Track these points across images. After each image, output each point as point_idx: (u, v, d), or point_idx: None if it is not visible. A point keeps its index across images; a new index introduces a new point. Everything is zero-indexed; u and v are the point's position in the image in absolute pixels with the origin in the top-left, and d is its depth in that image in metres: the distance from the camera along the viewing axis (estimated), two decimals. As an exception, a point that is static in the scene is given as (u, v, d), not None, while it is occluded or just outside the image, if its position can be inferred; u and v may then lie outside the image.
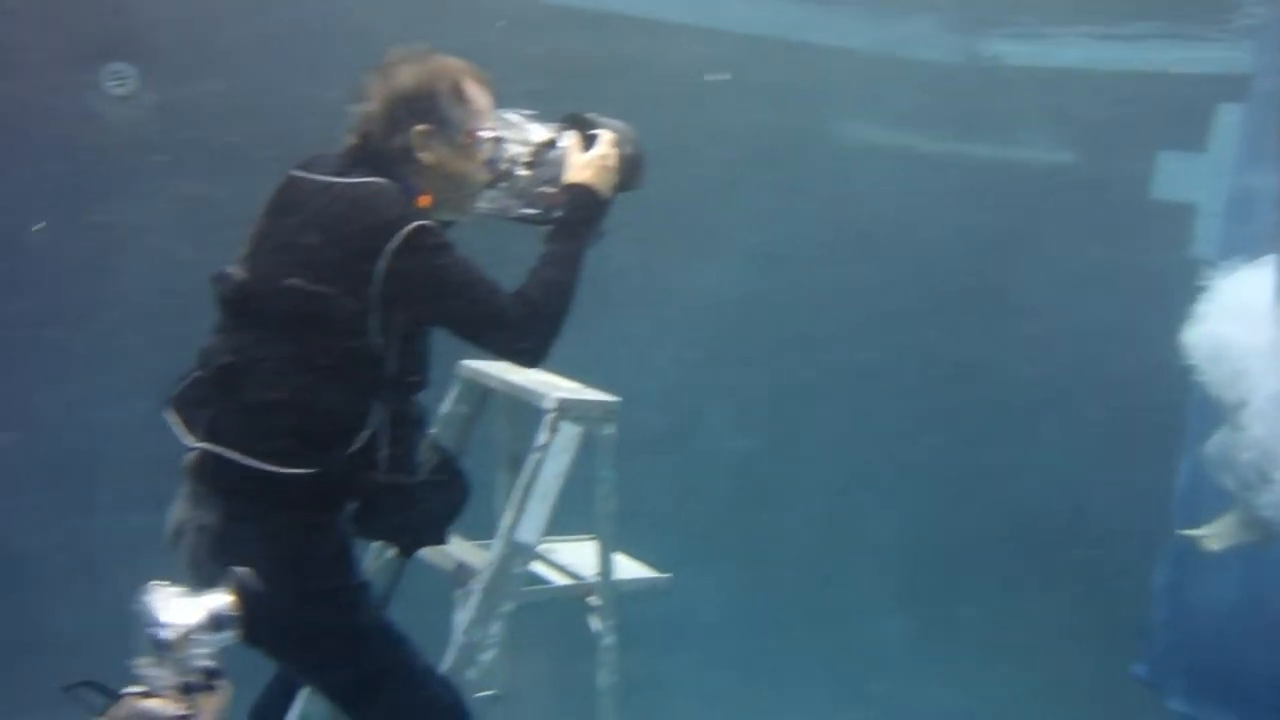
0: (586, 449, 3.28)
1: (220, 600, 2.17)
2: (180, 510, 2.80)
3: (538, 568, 3.38)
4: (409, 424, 2.77)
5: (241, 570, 2.21)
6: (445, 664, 3.03)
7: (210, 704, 2.12)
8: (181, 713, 2.08)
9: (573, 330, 2.86)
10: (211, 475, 2.69)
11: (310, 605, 2.65)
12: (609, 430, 3.32)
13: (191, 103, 5.74)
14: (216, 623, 2.15)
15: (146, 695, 2.10)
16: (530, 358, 2.78)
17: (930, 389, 6.62)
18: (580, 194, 2.88)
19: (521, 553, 3.17)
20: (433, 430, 3.11)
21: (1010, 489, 6.48)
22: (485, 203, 2.98)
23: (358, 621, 2.75)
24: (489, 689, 3.22)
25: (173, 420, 2.78)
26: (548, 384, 3.35)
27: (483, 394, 3.54)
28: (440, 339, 2.89)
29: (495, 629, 3.13)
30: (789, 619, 6.50)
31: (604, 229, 2.95)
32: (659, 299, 6.55)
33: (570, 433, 3.25)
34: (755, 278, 7.05)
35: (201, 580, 2.79)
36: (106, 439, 6.04)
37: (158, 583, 2.15)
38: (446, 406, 3.48)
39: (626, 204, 3.06)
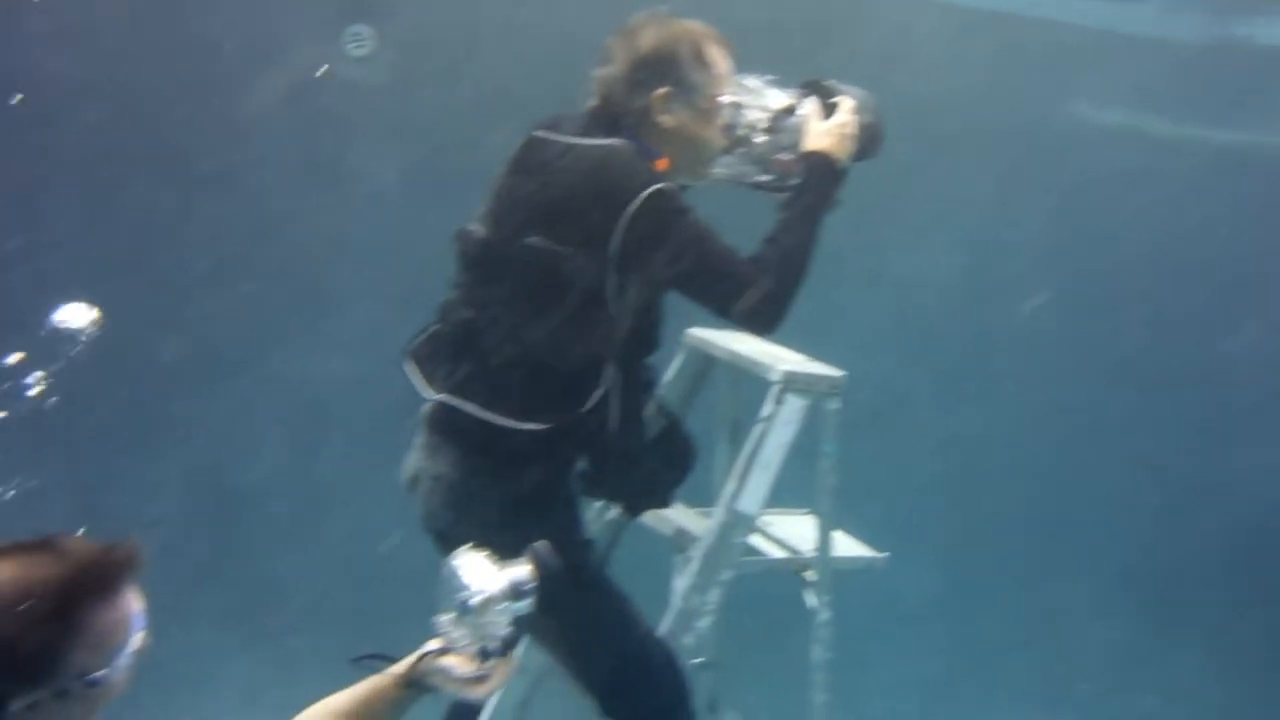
0: (810, 422, 3.25)
1: (520, 571, 2.23)
2: (416, 459, 2.88)
3: (755, 540, 3.37)
4: (639, 386, 2.79)
5: (541, 544, 2.27)
6: (662, 628, 3.05)
7: (502, 669, 2.19)
8: (476, 674, 2.16)
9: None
10: (447, 426, 2.76)
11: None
12: (834, 405, 3.28)
13: (425, 62, 5.93)
14: (516, 592, 2.21)
15: (445, 652, 2.19)
16: (765, 325, 2.76)
17: (1161, 384, 6.34)
18: (818, 162, 2.84)
19: (742, 522, 3.16)
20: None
21: (1242, 493, 6.16)
22: (721, 168, 2.97)
23: (582, 577, 2.78)
24: (703, 656, 3.23)
25: (411, 372, 2.86)
26: (774, 355, 3.33)
27: (706, 363, 3.53)
28: (669, 304, 2.91)
29: (713, 596, 3.12)
30: (996, 611, 6.34)
31: (841, 198, 2.90)
32: (875, 277, 6.45)
33: (795, 405, 3.21)
34: (976, 260, 6.87)
35: (432, 528, 2.89)
36: (336, 391, 6.31)
37: (467, 549, 2.23)
38: (670, 374, 3.49)
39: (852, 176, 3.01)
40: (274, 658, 5.75)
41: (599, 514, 3.32)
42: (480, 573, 2.19)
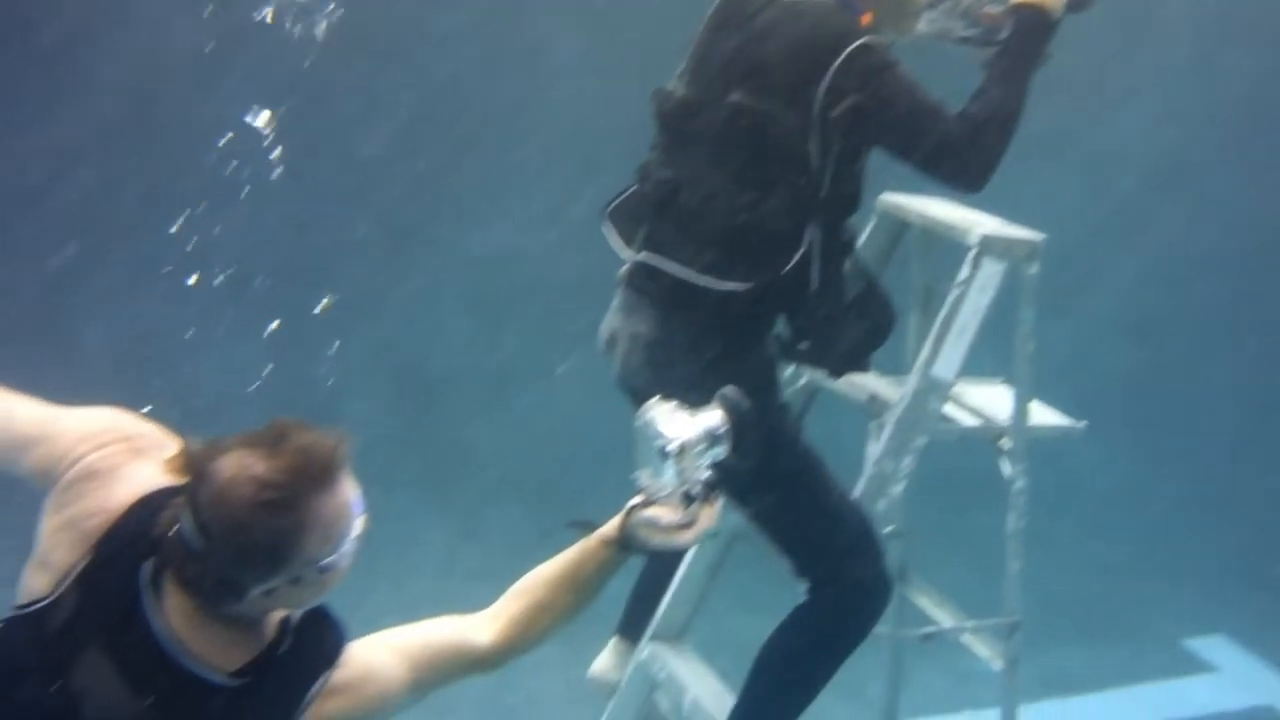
0: (1007, 287, 3.18)
1: (713, 416, 2.24)
2: (613, 319, 2.92)
3: (948, 408, 3.33)
4: (840, 248, 2.75)
5: (731, 389, 2.28)
6: (856, 493, 3.05)
7: (707, 514, 2.21)
8: (682, 520, 2.19)
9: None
10: (646, 285, 2.78)
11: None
12: (1033, 269, 3.20)
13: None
14: (711, 437, 2.22)
15: (648, 504, 2.21)
16: (971, 183, 2.69)
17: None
18: (1028, 15, 2.73)
19: (937, 388, 3.13)
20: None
21: None
22: (925, 24, 2.88)
23: (779, 438, 2.80)
24: (893, 524, 3.23)
25: (609, 233, 2.88)
26: (970, 219, 3.26)
27: (900, 228, 3.48)
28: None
29: (907, 462, 3.11)
30: (1187, 496, 6.17)
31: (1050, 52, 2.79)
32: (1066, 147, 6.23)
33: (992, 269, 3.15)
34: (1173, 133, 6.58)
35: (629, 386, 2.93)
36: (524, 265, 6.43)
37: (658, 400, 2.24)
38: (862, 239, 3.45)
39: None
40: (467, 528, 5.97)
41: (792, 379, 3.33)
42: (674, 421, 2.20)
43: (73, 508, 2.03)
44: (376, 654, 2.13)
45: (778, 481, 2.78)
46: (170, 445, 2.10)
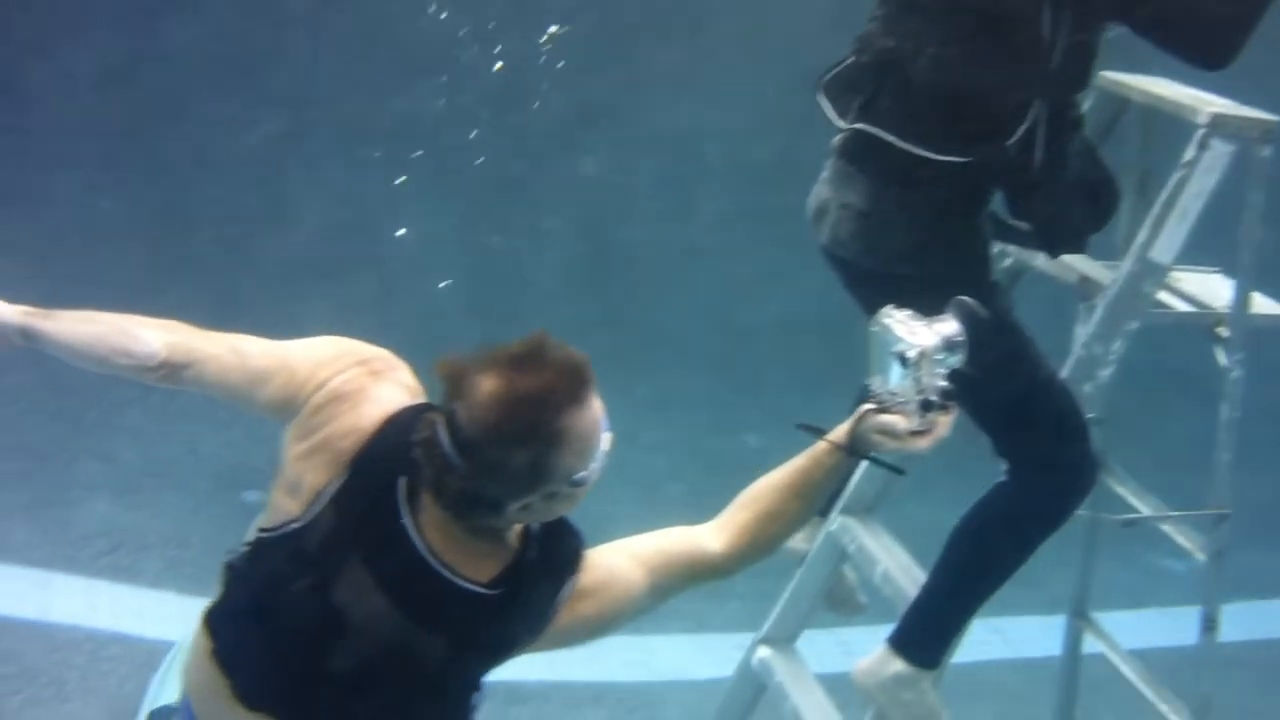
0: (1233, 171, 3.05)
1: (950, 325, 2.21)
2: (823, 190, 2.90)
3: (1163, 295, 3.24)
4: (1066, 124, 2.67)
5: (967, 299, 2.26)
6: (1062, 374, 3.01)
7: (943, 422, 2.19)
8: (917, 427, 2.17)
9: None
10: (861, 156, 2.76)
11: (948, 290, 2.69)
12: (1265, 151, 3.05)
13: None
14: (949, 345, 2.20)
15: (882, 410, 2.19)
16: (1220, 56, 2.56)
17: None
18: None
19: (1153, 271, 3.03)
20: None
21: None
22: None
23: (990, 314, 2.77)
24: (1097, 410, 3.18)
25: (823, 103, 2.85)
26: (1197, 98, 3.12)
27: (1119, 107, 3.35)
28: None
29: (1117, 346, 3.04)
30: None
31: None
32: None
33: (1221, 150, 3.01)
34: None
35: (837, 256, 2.91)
36: (711, 144, 6.42)
37: (892, 306, 2.22)
38: (1080, 117, 3.34)
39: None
40: (651, 399, 6.08)
41: (998, 259, 3.27)
42: (911, 328, 2.17)
43: (323, 431, 2.08)
44: (617, 559, 2.21)
45: (985, 355, 2.74)
46: (401, 366, 2.19)
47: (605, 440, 2.04)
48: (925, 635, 2.96)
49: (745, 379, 6.13)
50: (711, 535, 2.31)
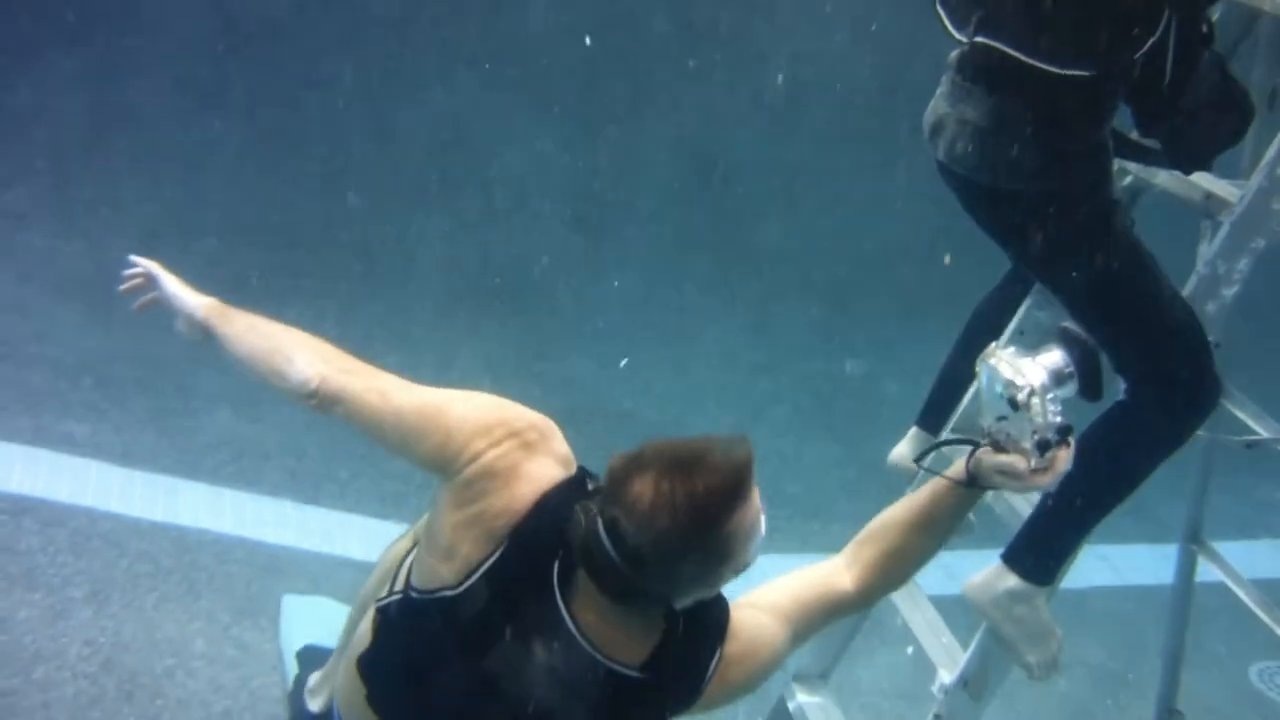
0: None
1: (1056, 357, 2.23)
2: (940, 105, 2.86)
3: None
4: (1196, 36, 2.60)
5: (1071, 326, 2.24)
6: (1185, 292, 2.96)
7: (1062, 457, 2.19)
8: (1036, 466, 2.17)
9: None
10: (980, 70, 2.71)
11: (1068, 207, 2.67)
12: (1401, 63, 2.96)
13: None
14: (1058, 379, 2.21)
15: (999, 450, 2.20)
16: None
17: None
18: None
19: (1283, 189, 2.96)
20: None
21: None
22: None
23: (1112, 231, 2.74)
24: (1218, 332, 3.12)
25: (942, 15, 2.80)
26: (1334, 10, 3.02)
27: (1249, 19, 3.25)
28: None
29: (1242, 265, 2.97)
30: None
31: None
32: None
33: (1356, 63, 2.93)
34: None
35: (954, 172, 2.88)
36: (814, 69, 6.34)
37: (996, 347, 2.22)
38: (1205, 31, 3.24)
39: None
40: (753, 323, 6.09)
41: (1119, 176, 3.22)
42: (1017, 366, 2.16)
43: (477, 505, 2.11)
44: (758, 619, 2.24)
45: (1104, 272, 2.72)
46: (554, 434, 2.20)
47: (763, 525, 2.06)
48: (1039, 551, 2.96)
49: (846, 303, 6.12)
50: (843, 574, 2.37)
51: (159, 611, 3.79)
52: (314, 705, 3.32)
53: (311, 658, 3.66)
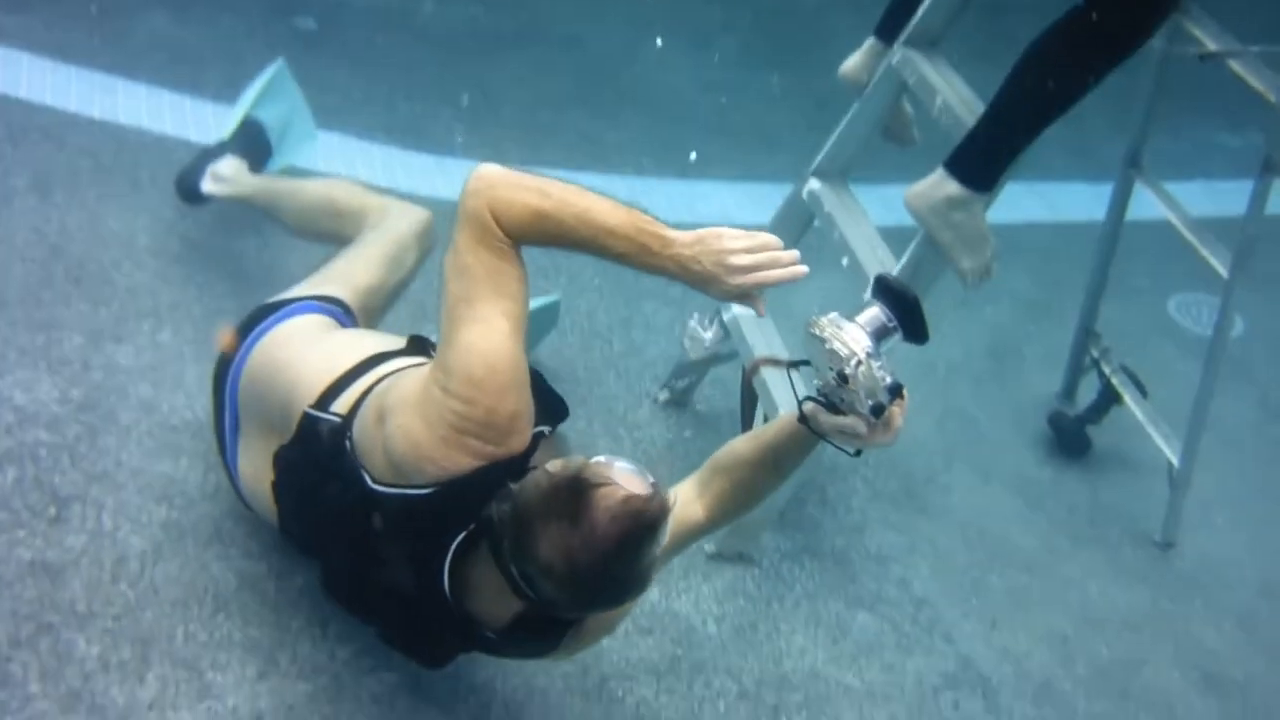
0: None
1: (874, 312, 2.18)
2: None
3: None
4: None
5: (883, 275, 2.21)
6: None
7: (898, 412, 2.18)
8: (875, 426, 2.17)
9: None
10: None
11: None
12: None
13: None
14: (881, 335, 2.16)
15: (835, 411, 2.20)
16: None
17: None
18: None
19: None
20: None
21: None
22: None
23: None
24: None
25: None
26: None
27: None
28: None
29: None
30: None
31: None
32: None
33: None
34: None
35: None
36: None
37: (818, 316, 2.19)
38: None
39: None
40: None
41: None
42: (840, 333, 2.14)
43: (470, 439, 2.22)
44: None
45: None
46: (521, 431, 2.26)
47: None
48: (982, 158, 3.01)
49: None
50: (694, 504, 2.48)
51: (102, 205, 3.77)
52: (208, 188, 3.61)
53: (252, 136, 3.77)
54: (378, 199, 3.35)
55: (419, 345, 2.68)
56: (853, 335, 2.14)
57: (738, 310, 3.75)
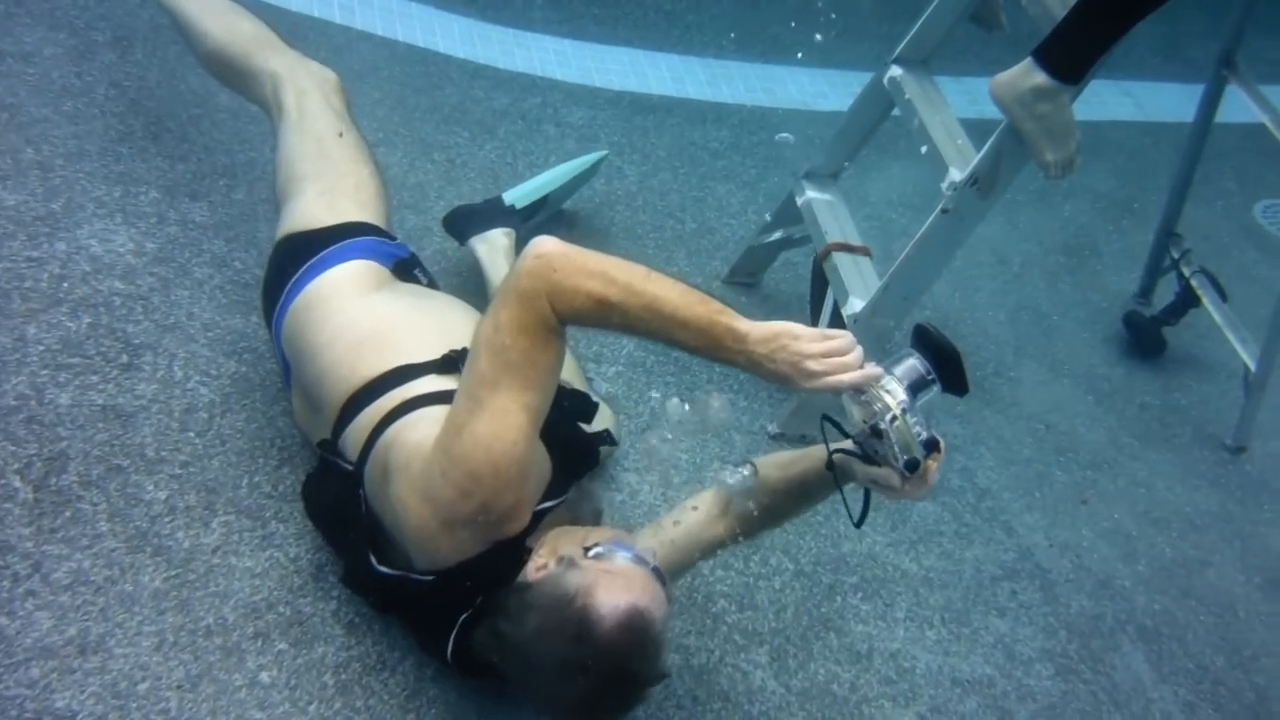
0: None
1: (911, 364, 2.09)
2: None
3: None
4: None
5: (923, 324, 2.11)
6: None
7: (932, 468, 2.10)
8: (912, 482, 2.09)
9: None
10: None
11: None
12: None
13: None
14: (919, 388, 2.07)
15: (870, 462, 2.13)
16: None
17: None
18: None
19: None
20: None
21: None
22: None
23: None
24: None
25: None
26: None
27: None
28: None
29: None
30: None
31: None
32: None
33: None
34: None
35: None
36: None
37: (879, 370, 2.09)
38: None
39: None
40: None
41: None
42: (881, 389, 2.05)
43: (461, 529, 2.24)
44: None
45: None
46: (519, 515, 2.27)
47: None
48: (1071, 48, 2.92)
49: None
50: (716, 523, 2.48)
51: (181, 63, 3.78)
52: None
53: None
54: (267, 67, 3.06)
55: (450, 364, 2.52)
56: (888, 388, 2.07)
57: (811, 194, 3.71)
